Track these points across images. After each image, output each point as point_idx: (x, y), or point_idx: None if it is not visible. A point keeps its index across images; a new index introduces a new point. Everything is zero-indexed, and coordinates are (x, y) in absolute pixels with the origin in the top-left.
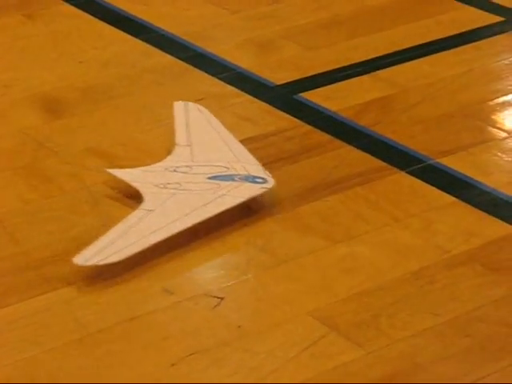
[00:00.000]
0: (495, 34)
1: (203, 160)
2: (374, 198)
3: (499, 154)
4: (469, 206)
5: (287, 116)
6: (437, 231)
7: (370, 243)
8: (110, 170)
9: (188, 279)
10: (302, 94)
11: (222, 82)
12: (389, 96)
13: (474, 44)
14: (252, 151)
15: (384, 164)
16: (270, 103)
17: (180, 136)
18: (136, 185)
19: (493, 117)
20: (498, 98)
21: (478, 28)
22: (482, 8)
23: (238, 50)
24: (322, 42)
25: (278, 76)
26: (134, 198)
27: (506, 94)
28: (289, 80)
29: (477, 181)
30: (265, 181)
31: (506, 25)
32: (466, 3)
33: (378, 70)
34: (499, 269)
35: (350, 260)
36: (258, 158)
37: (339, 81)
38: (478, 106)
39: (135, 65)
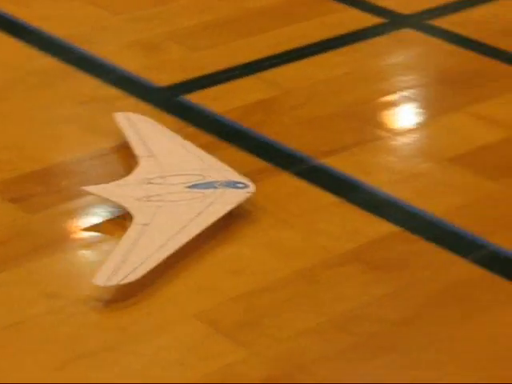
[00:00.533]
0: (377, 36)
1: (174, 170)
2: (259, 199)
3: (381, 153)
4: (352, 206)
5: (172, 118)
6: (321, 231)
7: (254, 244)
8: (85, 188)
9: (72, 282)
10: (186, 96)
11: (107, 85)
12: (272, 97)
13: (356, 45)
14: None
15: (268, 165)
16: (154, 105)
17: (138, 147)
18: (117, 200)
19: (375, 117)
20: (379, 98)
21: (360, 29)
22: (364, 10)
23: (123, 52)
24: (206, 44)
25: (163, 78)
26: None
27: (388, 95)
28: (173, 82)
29: (360, 181)
30: (246, 185)
31: (388, 26)
32: (348, 5)
33: (262, 71)
34: (382, 267)
35: (234, 261)
36: None
37: (223, 82)
38: (361, 107)
39: (18, 68)
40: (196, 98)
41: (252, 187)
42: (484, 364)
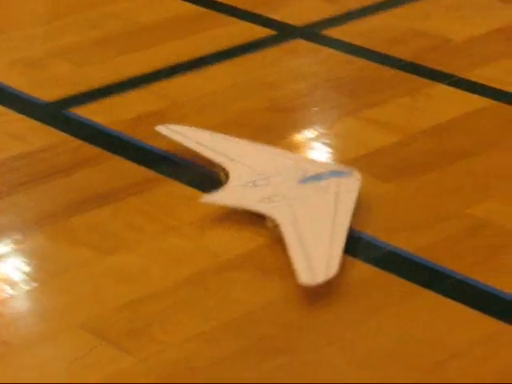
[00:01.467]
0: (268, 47)
1: (268, 169)
2: (148, 208)
3: None
4: (243, 213)
5: (58, 132)
6: (211, 237)
7: (142, 252)
8: (204, 199)
9: None
10: (72, 110)
11: None
12: (162, 109)
13: (247, 56)
14: (21, 168)
15: (157, 175)
16: (40, 120)
17: (211, 155)
18: (241, 205)
19: (268, 125)
20: (272, 106)
21: (251, 41)
22: (254, 22)
23: (6, 69)
24: (94, 59)
25: (49, 93)
26: None
27: (281, 103)
28: (60, 97)
29: None
30: (350, 173)
31: (279, 38)
32: (239, 18)
33: (150, 84)
34: (273, 271)
35: (121, 270)
36: (27, 175)
37: (111, 95)
38: (253, 116)
39: None
40: (83, 112)
41: (357, 173)
42: (379, 363)
